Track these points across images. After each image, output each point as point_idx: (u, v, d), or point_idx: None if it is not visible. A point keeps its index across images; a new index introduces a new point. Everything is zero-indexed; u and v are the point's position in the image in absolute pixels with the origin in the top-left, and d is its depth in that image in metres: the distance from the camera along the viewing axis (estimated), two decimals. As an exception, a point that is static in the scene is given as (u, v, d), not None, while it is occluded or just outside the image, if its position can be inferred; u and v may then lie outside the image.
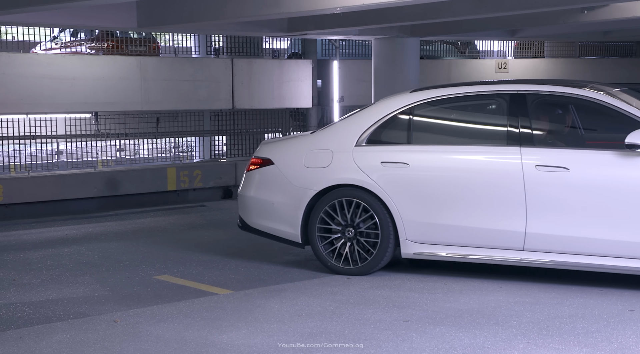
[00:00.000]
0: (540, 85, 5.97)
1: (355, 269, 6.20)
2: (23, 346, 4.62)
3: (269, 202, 6.50)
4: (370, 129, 6.27)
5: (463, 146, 6.00)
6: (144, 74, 12.36)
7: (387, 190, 6.05)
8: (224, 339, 4.69)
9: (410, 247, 6.04)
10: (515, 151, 5.73)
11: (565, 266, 5.64)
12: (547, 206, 5.59)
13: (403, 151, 6.13)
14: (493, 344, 4.50)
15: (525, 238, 5.66)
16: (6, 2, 7.79)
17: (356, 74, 15.17)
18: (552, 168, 5.58)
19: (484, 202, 5.78)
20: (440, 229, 5.93)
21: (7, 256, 7.48)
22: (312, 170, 6.33)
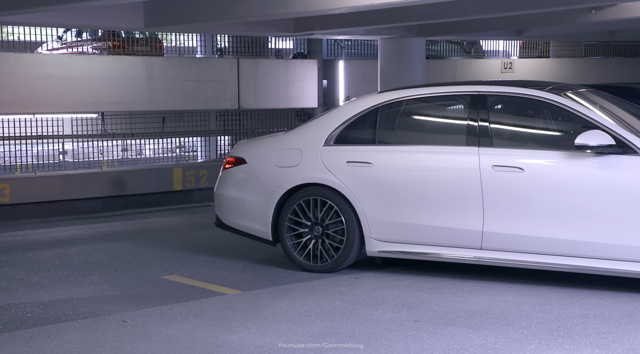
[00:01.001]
0: (500, 87, 6.06)
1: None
2: (34, 345, 4.63)
3: (242, 200, 6.64)
4: (339, 129, 6.38)
5: (425, 145, 6.11)
6: (150, 74, 12.37)
7: (352, 189, 6.17)
8: (234, 339, 4.69)
9: (374, 245, 6.16)
10: (473, 151, 5.82)
11: (521, 265, 5.73)
12: (503, 206, 5.68)
13: (368, 151, 6.24)
14: (504, 344, 4.49)
15: (482, 237, 5.76)
16: (16, 2, 7.80)
17: (362, 74, 15.17)
18: (507, 168, 5.66)
19: (444, 201, 5.88)
20: (402, 227, 6.03)
21: (16, 255, 7.49)
22: (282, 169, 6.46)
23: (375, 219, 6.12)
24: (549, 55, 19.61)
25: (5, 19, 9.56)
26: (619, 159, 5.39)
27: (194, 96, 12.91)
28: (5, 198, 10.32)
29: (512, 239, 5.67)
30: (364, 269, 6.44)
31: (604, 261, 5.43)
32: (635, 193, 5.32)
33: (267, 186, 6.50)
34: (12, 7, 7.93)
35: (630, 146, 5.40)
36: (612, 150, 5.40)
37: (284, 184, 6.42)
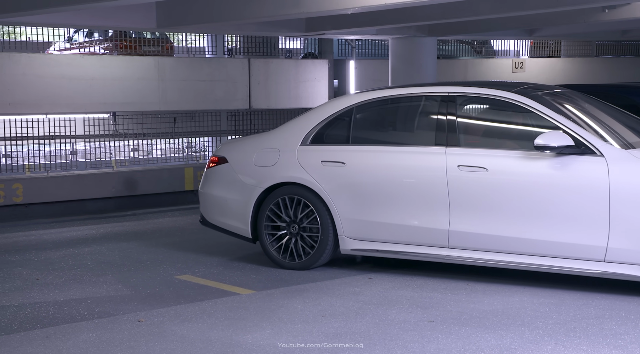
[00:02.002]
0: (468, 87, 6.12)
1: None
2: (50, 345, 4.64)
3: (224, 199, 6.77)
4: (315, 128, 6.48)
5: (396, 146, 6.21)
6: (161, 74, 12.41)
7: (325, 188, 6.27)
8: (249, 339, 4.69)
9: (348, 243, 6.26)
10: (441, 151, 5.90)
11: (487, 263, 5.80)
12: (468, 205, 5.77)
13: (341, 151, 6.33)
14: (520, 345, 4.47)
15: (449, 236, 5.85)
16: (30, 3, 7.84)
17: (372, 74, 15.16)
18: (472, 168, 5.75)
19: (414, 200, 5.98)
20: (374, 226, 6.13)
21: (29, 255, 7.52)
22: (261, 168, 6.59)
23: (348, 218, 6.22)
24: (560, 54, 19.53)
25: (19, 20, 9.61)
26: (577, 159, 5.44)
27: (205, 96, 12.94)
28: (18, 198, 10.37)
29: (477, 238, 5.75)
30: (377, 269, 6.44)
31: (566, 260, 5.48)
32: (592, 193, 5.36)
33: (246, 185, 6.62)
34: (25, 7, 7.97)
35: (589, 146, 5.43)
36: (571, 150, 5.44)
37: (262, 182, 6.53)
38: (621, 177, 5.28)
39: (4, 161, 11.24)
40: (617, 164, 5.31)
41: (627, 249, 5.24)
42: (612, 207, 5.28)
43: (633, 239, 5.22)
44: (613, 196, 5.28)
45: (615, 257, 5.30)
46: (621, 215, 5.25)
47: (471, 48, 18.70)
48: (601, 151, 5.39)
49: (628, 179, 5.26)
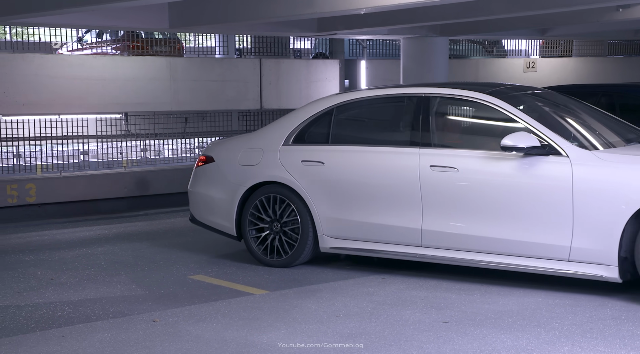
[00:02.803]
0: (442, 88, 6.21)
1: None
2: (66, 344, 4.66)
3: (211, 197, 6.92)
4: (297, 129, 6.60)
5: (373, 146, 6.27)
6: (173, 74, 12.44)
7: (305, 187, 6.38)
8: (263, 339, 4.69)
9: (327, 241, 6.37)
10: (414, 152, 5.99)
11: (458, 262, 5.87)
12: (439, 205, 5.86)
13: (320, 151, 6.44)
14: (536, 346, 4.45)
15: (422, 235, 5.94)
16: (44, 4, 7.87)
17: (383, 74, 15.14)
18: (443, 168, 5.83)
19: (389, 200, 6.07)
20: (351, 225, 6.24)
21: (43, 255, 7.56)
22: (245, 167, 6.71)
23: (326, 217, 6.32)
24: (572, 54, 19.44)
25: (33, 21, 9.66)
26: (543, 159, 5.50)
27: (217, 96, 12.96)
28: (31, 198, 10.41)
29: (448, 237, 5.83)
30: (390, 269, 6.42)
31: (533, 259, 5.54)
32: (556, 193, 5.41)
33: (231, 184, 6.75)
34: (38, 8, 8.01)
35: (555, 147, 5.49)
36: (537, 151, 5.50)
37: (246, 181, 6.66)
38: (584, 177, 5.34)
39: (16, 161, 11.28)
40: (580, 165, 5.38)
41: (589, 249, 5.31)
42: (576, 208, 5.34)
43: (595, 239, 5.28)
44: (576, 197, 5.34)
45: (579, 257, 5.37)
46: (584, 215, 5.32)
47: (482, 48, 18.65)
48: (566, 151, 5.46)
49: (590, 180, 5.33)
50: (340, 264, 6.72)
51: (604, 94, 10.05)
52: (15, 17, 8.53)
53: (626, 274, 5.32)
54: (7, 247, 8.03)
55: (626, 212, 5.16)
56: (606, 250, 5.24)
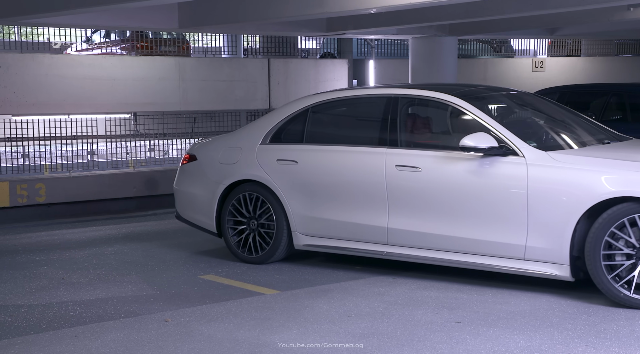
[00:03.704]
0: (410, 90, 6.36)
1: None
2: (79, 344, 4.67)
3: (193, 194, 7.10)
4: (274, 128, 6.74)
5: (344, 145, 6.38)
6: (182, 74, 12.45)
7: (280, 186, 6.52)
8: (276, 339, 4.69)
9: (300, 239, 6.51)
10: (382, 151, 6.11)
11: (421, 260, 6.00)
12: (404, 203, 5.99)
13: (294, 150, 6.58)
14: (550, 347, 4.43)
15: (387, 233, 6.06)
16: (55, 4, 7.89)
17: (392, 74, 15.12)
18: (407, 168, 5.96)
19: (358, 198, 6.20)
20: (323, 223, 6.37)
21: (54, 255, 7.57)
22: (225, 166, 6.87)
23: (299, 215, 6.45)
24: (580, 53, 19.38)
25: (42, 21, 9.68)
26: (501, 160, 5.59)
27: (225, 96, 12.97)
28: (41, 198, 10.44)
29: (412, 236, 5.95)
30: (401, 269, 6.41)
31: (491, 258, 5.64)
32: (512, 193, 5.50)
33: (212, 182, 6.91)
34: (47, 9, 8.03)
35: (512, 147, 5.57)
36: (495, 151, 5.59)
37: (225, 179, 6.81)
38: (538, 178, 5.42)
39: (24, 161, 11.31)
40: (535, 166, 5.46)
41: (543, 248, 5.39)
42: (530, 208, 5.43)
43: (548, 238, 5.37)
44: (531, 197, 5.43)
45: (533, 256, 5.46)
46: (537, 215, 5.40)
47: (490, 47, 18.61)
48: (523, 152, 5.54)
49: (544, 180, 5.40)
50: (350, 264, 6.71)
51: (614, 93, 10.03)
52: (25, 18, 8.54)
53: (579, 273, 5.40)
54: (18, 247, 8.05)
55: (577, 212, 5.25)
56: (559, 249, 5.33)
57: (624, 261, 5.14)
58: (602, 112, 9.96)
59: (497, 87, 6.91)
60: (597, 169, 5.28)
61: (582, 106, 10.42)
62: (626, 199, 5.13)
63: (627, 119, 9.74)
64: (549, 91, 10.84)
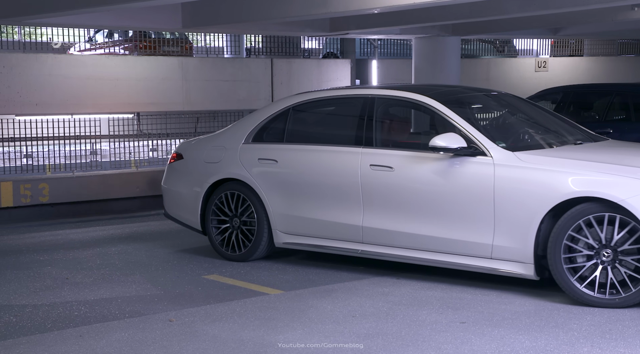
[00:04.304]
0: (386, 90, 6.45)
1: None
2: (84, 344, 4.67)
3: (179, 193, 7.25)
4: (257, 128, 6.85)
5: (322, 145, 6.48)
6: (185, 74, 12.46)
7: (260, 184, 6.63)
8: (280, 339, 4.69)
9: (280, 237, 6.62)
10: (357, 151, 6.20)
11: (397, 259, 6.07)
12: (377, 203, 6.08)
13: (275, 149, 6.69)
14: (555, 347, 4.42)
15: (362, 232, 6.15)
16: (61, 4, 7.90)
17: (395, 74, 15.12)
18: (381, 167, 6.04)
19: (334, 197, 6.30)
20: (301, 221, 6.47)
21: (58, 254, 7.58)
22: (209, 164, 6.99)
23: (279, 213, 6.55)
24: (583, 53, 19.36)
25: (46, 21, 9.69)
26: (470, 160, 5.67)
27: (229, 96, 12.98)
28: (44, 198, 10.45)
29: (385, 234, 6.04)
30: (405, 269, 6.40)
31: (460, 256, 5.72)
32: (480, 193, 5.58)
33: (197, 180, 7.03)
34: (52, 9, 8.03)
35: (480, 147, 5.65)
36: (464, 151, 5.67)
37: (209, 178, 6.92)
38: (504, 178, 5.50)
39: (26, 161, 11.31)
40: (502, 166, 5.54)
41: (509, 247, 5.47)
42: (497, 207, 5.51)
43: (513, 238, 5.44)
44: (497, 196, 5.51)
45: (500, 255, 5.54)
46: (504, 214, 5.48)
47: (493, 47, 18.59)
48: (491, 152, 5.61)
49: (510, 180, 5.49)
50: (354, 264, 6.71)
51: (617, 93, 10.01)
52: (29, 18, 8.55)
53: (544, 272, 5.46)
54: (22, 247, 8.05)
55: (540, 212, 5.31)
56: (523, 248, 5.40)
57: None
58: (605, 112, 9.95)
59: (479, 88, 7.06)
60: (560, 170, 5.35)
61: (585, 105, 10.43)
62: (587, 200, 5.18)
63: (631, 118, 9.72)
64: (552, 91, 10.83)
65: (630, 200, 5.02)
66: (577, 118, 10.20)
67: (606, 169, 5.24)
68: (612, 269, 5.13)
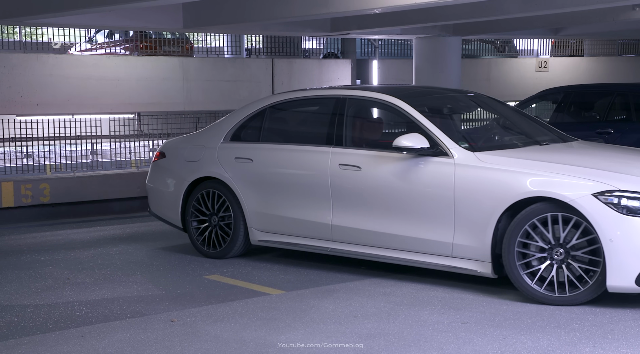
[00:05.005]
0: (357, 91, 6.56)
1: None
2: (86, 344, 4.67)
3: (162, 191, 7.41)
4: (235, 127, 6.98)
5: (294, 144, 6.62)
6: (186, 74, 12.47)
7: (237, 183, 6.76)
8: (282, 339, 4.69)
9: (255, 235, 6.75)
10: (327, 150, 6.32)
11: (364, 257, 6.19)
12: (346, 201, 6.20)
13: (251, 148, 6.82)
14: (558, 347, 4.42)
15: (332, 230, 6.27)
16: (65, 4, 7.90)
17: (395, 74, 15.12)
18: (349, 167, 6.17)
19: (305, 196, 6.43)
20: (274, 219, 6.60)
21: (59, 255, 7.58)
22: (189, 163, 7.13)
23: (254, 211, 6.68)
24: (583, 53, 19.36)
25: (48, 21, 9.69)
26: (433, 160, 5.79)
27: (229, 96, 12.99)
28: (45, 198, 10.44)
29: (353, 233, 6.15)
30: (406, 270, 6.40)
31: (422, 255, 5.84)
32: (441, 192, 5.69)
33: (178, 178, 7.18)
34: (56, 9, 8.03)
35: (442, 148, 5.76)
36: (427, 151, 5.79)
37: (189, 176, 7.07)
38: (464, 178, 5.62)
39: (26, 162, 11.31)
40: (462, 166, 5.65)
41: (468, 246, 5.59)
42: (457, 206, 5.63)
43: (472, 236, 5.55)
44: (457, 196, 5.63)
45: (460, 253, 5.66)
46: (463, 213, 5.60)
47: (494, 47, 18.59)
48: (452, 152, 5.72)
49: (469, 180, 5.60)
50: (355, 264, 6.71)
51: (619, 93, 10.01)
52: (32, 18, 8.55)
53: (502, 271, 5.53)
54: (23, 247, 8.05)
55: (497, 211, 5.42)
56: (481, 247, 5.51)
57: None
58: (606, 112, 9.94)
59: (456, 90, 7.30)
60: (516, 170, 5.45)
61: (586, 106, 10.41)
62: (542, 200, 5.27)
63: (632, 119, 9.72)
64: (553, 91, 10.82)
65: (580, 200, 5.13)
66: (578, 118, 10.21)
67: (559, 170, 5.36)
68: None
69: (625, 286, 5.02)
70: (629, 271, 4.99)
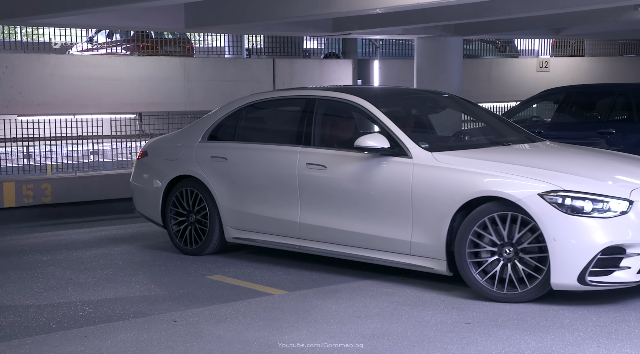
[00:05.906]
0: (325, 91, 6.65)
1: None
2: (89, 344, 4.67)
3: (144, 189, 7.57)
4: (212, 127, 7.13)
5: (266, 144, 6.77)
6: (187, 74, 12.47)
7: (212, 181, 6.92)
8: (285, 339, 4.68)
9: (230, 232, 6.89)
10: (296, 150, 6.46)
11: (329, 254, 6.30)
12: (312, 200, 6.34)
13: (225, 147, 6.97)
14: (562, 348, 4.42)
15: (299, 227, 6.40)
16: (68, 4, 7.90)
17: (396, 74, 15.12)
18: (315, 166, 6.30)
19: (275, 194, 6.57)
20: (247, 217, 6.75)
21: (61, 255, 7.57)
22: (169, 162, 7.31)
23: (228, 209, 6.83)
24: (583, 53, 19.36)
25: (50, 21, 9.69)
26: (393, 160, 5.91)
27: (231, 96, 12.94)
28: (47, 198, 10.44)
29: (319, 230, 6.28)
30: (409, 270, 6.40)
31: (383, 252, 5.94)
32: (400, 191, 5.80)
33: (158, 177, 7.36)
34: (59, 9, 8.03)
35: (402, 148, 5.88)
36: (388, 151, 5.91)
37: (168, 175, 7.24)
38: (421, 177, 5.74)
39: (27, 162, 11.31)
40: (419, 166, 5.78)
41: (424, 244, 5.71)
42: (414, 205, 5.74)
43: (428, 235, 5.68)
44: (414, 195, 5.75)
45: (417, 251, 5.78)
46: (420, 212, 5.72)
47: (495, 47, 18.60)
48: (411, 152, 5.83)
49: (425, 179, 5.72)
50: (358, 264, 6.70)
51: (620, 93, 10.01)
52: (35, 18, 8.55)
53: (457, 268, 5.62)
54: (25, 247, 8.05)
55: (451, 210, 5.54)
56: (437, 245, 5.63)
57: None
58: (608, 113, 9.94)
59: (430, 91, 7.43)
60: (470, 170, 5.56)
61: (587, 106, 10.41)
62: (492, 199, 5.37)
63: (634, 119, 9.72)
64: (555, 91, 10.81)
65: (526, 200, 5.21)
66: (580, 118, 10.20)
67: (509, 170, 5.45)
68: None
69: (568, 284, 5.11)
70: (572, 269, 5.08)
